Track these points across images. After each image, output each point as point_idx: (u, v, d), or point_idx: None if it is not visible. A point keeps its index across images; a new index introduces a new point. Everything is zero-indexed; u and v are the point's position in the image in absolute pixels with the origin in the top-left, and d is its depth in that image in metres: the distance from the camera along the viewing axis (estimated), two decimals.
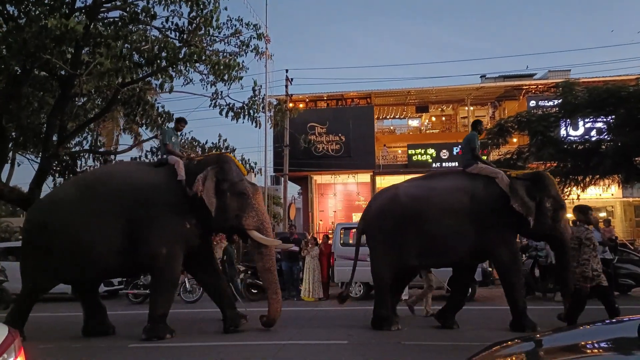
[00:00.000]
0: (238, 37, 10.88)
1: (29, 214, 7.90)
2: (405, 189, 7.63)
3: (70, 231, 6.95)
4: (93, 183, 7.42)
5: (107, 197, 7.09)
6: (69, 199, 7.21)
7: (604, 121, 12.49)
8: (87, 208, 7.04)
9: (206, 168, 7.15)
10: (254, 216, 7.31)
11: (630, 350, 1.94)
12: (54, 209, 7.23)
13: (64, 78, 10.50)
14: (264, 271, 7.45)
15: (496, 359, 2.14)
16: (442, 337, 6.73)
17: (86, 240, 6.94)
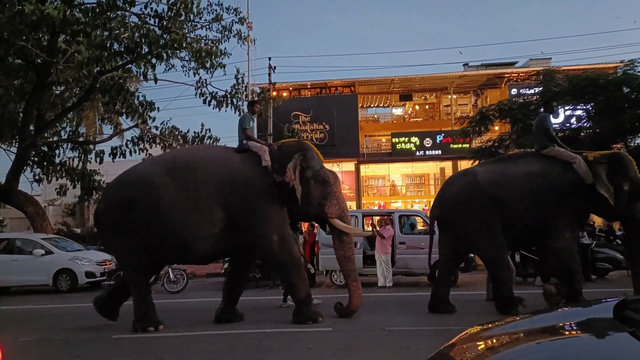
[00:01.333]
0: (219, 23, 10.74)
1: (110, 194, 7.46)
2: (484, 175, 7.43)
3: (163, 210, 6.76)
4: (186, 165, 7.15)
5: (205, 183, 6.89)
6: (160, 180, 6.92)
7: (583, 109, 12.68)
8: (181, 190, 6.84)
9: (293, 156, 7.04)
10: (335, 204, 7.25)
11: (605, 332, 1.98)
12: (141, 185, 6.96)
13: (40, 66, 10.24)
14: (345, 259, 7.34)
15: (477, 341, 2.17)
16: (425, 322, 6.83)
17: (180, 223, 6.76)
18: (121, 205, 6.95)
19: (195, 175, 6.96)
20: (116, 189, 7.34)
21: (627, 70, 12.04)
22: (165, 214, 6.76)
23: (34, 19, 7.79)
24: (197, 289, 11.71)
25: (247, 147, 7.36)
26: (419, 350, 5.24)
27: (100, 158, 13.44)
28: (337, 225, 7.27)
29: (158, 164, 7.40)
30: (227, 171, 7.03)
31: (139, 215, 6.82)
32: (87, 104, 13.88)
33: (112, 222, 7.08)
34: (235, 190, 6.92)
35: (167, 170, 7.03)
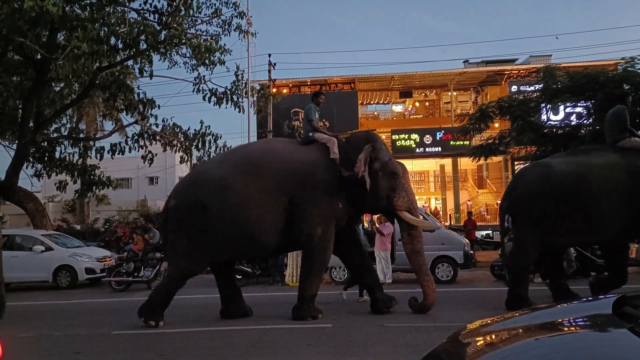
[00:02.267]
0: (219, 17, 10.72)
1: (181, 193, 7.39)
2: (558, 167, 7.19)
3: (234, 208, 6.76)
4: (254, 160, 7.16)
5: (272, 175, 6.91)
6: (229, 176, 6.94)
7: (583, 106, 12.66)
8: (251, 185, 6.85)
9: (363, 147, 6.96)
10: (404, 196, 7.13)
11: (605, 328, 1.98)
12: (212, 186, 6.93)
13: (40, 62, 10.22)
14: (414, 254, 7.20)
15: (476, 336, 2.17)
16: (424, 319, 6.83)
17: (250, 218, 6.77)
18: (193, 207, 6.91)
19: (265, 170, 6.96)
20: (189, 191, 7.23)
21: (627, 67, 12.01)
22: (236, 213, 6.74)
23: (33, 15, 7.77)
24: (197, 285, 11.71)
25: (313, 138, 7.29)
26: (418, 346, 5.24)
27: (100, 154, 13.44)
28: (406, 218, 7.12)
29: (229, 162, 7.36)
30: (295, 164, 7.02)
31: (210, 217, 6.79)
32: (86, 100, 13.86)
33: (180, 221, 7.03)
34: (300, 182, 6.90)
35: (238, 169, 7.02)
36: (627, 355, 1.63)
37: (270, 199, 6.84)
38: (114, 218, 20.38)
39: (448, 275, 10.51)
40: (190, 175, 7.63)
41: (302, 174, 6.94)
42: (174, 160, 25.43)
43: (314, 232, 6.87)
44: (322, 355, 5.25)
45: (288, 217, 6.91)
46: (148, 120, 12.76)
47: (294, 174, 6.94)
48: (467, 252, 10.66)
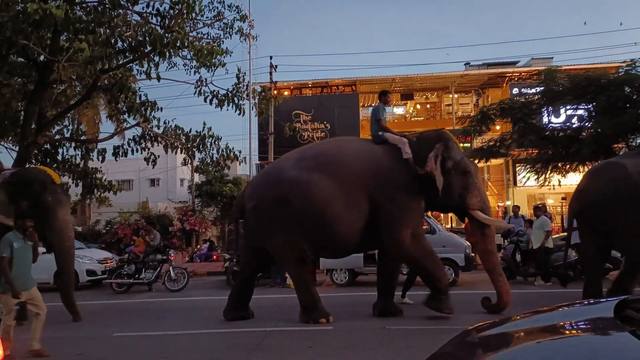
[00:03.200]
0: (221, 20, 10.74)
1: (262, 192, 7.30)
2: (633, 168, 6.93)
3: (316, 205, 6.75)
4: (333, 158, 7.14)
5: (351, 174, 6.88)
6: (309, 174, 6.92)
7: (584, 108, 12.67)
8: (331, 183, 6.82)
9: (433, 146, 6.88)
10: (477, 195, 7.08)
11: (607, 331, 1.99)
12: (294, 183, 6.93)
13: (43, 64, 10.25)
14: (487, 253, 7.12)
15: (477, 340, 2.18)
16: (425, 322, 6.83)
17: (332, 216, 6.75)
18: (277, 202, 6.93)
19: (344, 169, 6.94)
20: (268, 187, 7.22)
21: (628, 70, 12.04)
22: (320, 210, 6.74)
23: (36, 17, 7.80)
24: (198, 287, 11.74)
25: (384, 138, 7.27)
26: (420, 349, 5.24)
27: (102, 157, 13.44)
28: (478, 217, 7.05)
29: (304, 160, 7.32)
30: (372, 164, 6.98)
31: (294, 211, 6.81)
32: (88, 102, 13.88)
33: (267, 219, 7.04)
34: (379, 182, 6.86)
35: (317, 166, 7.01)
36: (629, 359, 1.64)
37: (350, 199, 6.81)
38: (115, 220, 20.41)
39: (449, 278, 10.49)
40: (266, 175, 7.66)
41: (381, 175, 6.90)
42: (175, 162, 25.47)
43: (402, 237, 6.79)
44: (323, 358, 5.25)
45: (368, 217, 6.86)
46: (150, 122, 12.78)
47: (374, 175, 6.89)
48: (468, 254, 10.65)
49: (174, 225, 20.05)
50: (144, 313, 8.23)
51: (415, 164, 6.86)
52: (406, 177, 6.89)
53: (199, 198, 23.60)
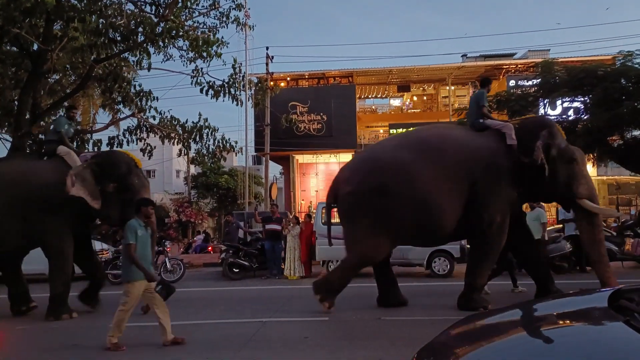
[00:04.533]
0: (217, 9, 10.63)
1: (359, 178, 7.05)
2: None
3: (418, 193, 6.59)
4: (434, 145, 6.99)
5: (453, 162, 6.74)
6: (410, 160, 6.76)
7: (581, 100, 12.68)
8: (433, 170, 6.67)
9: (537, 133, 6.71)
10: (584, 184, 6.88)
11: (600, 321, 1.99)
12: (394, 170, 6.76)
13: (36, 54, 10.13)
14: (594, 243, 6.91)
15: (471, 330, 2.18)
16: (420, 312, 6.86)
17: (433, 203, 6.60)
18: (374, 191, 6.73)
19: (446, 156, 6.80)
20: (368, 175, 6.97)
21: (625, 62, 12.03)
22: (424, 197, 6.60)
23: (27, 5, 7.70)
24: (194, 278, 11.74)
25: (485, 125, 7.14)
26: (415, 339, 5.23)
27: (97, 147, 13.37)
28: (587, 207, 6.83)
29: (405, 147, 7.13)
30: (476, 152, 6.86)
31: (393, 202, 6.65)
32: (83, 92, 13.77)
33: (359, 207, 6.85)
34: (481, 169, 6.74)
35: (418, 153, 6.85)
36: (623, 348, 1.64)
37: (452, 186, 6.68)
38: None
39: (445, 269, 10.56)
40: (365, 161, 7.40)
41: (484, 162, 6.76)
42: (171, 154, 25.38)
43: (494, 219, 6.70)
44: (319, 348, 5.27)
45: (467, 204, 6.74)
46: (145, 113, 12.70)
47: (476, 161, 6.75)
48: (463, 246, 10.69)
49: (170, 217, 20.03)
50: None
51: (521, 151, 6.69)
52: (509, 164, 6.73)
53: (195, 189, 23.55)
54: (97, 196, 7.02)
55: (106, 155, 7.85)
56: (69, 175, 6.86)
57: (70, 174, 6.89)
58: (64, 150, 7.52)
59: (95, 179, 7.09)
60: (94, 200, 6.97)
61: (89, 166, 7.18)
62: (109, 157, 7.66)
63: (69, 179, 6.81)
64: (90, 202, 6.93)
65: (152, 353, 5.38)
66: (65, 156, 7.45)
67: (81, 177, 6.96)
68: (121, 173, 7.24)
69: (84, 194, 6.86)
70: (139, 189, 7.33)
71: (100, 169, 7.21)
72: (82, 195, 6.85)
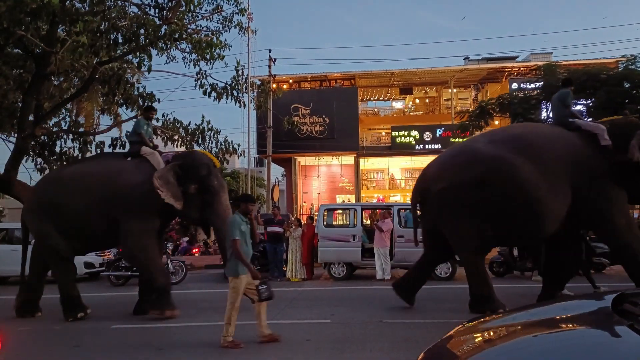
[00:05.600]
0: (220, 13, 10.67)
1: (454, 173, 6.85)
2: None
3: (518, 189, 6.40)
4: (531, 142, 6.76)
5: (553, 160, 6.55)
6: (509, 155, 6.54)
7: (584, 103, 12.66)
8: (533, 167, 6.47)
9: (631, 133, 6.54)
10: None
11: (604, 325, 1.99)
12: (492, 165, 6.56)
13: (40, 56, 10.18)
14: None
15: (475, 333, 2.18)
16: (422, 315, 6.85)
17: (535, 200, 6.39)
18: (473, 184, 6.57)
19: (545, 154, 6.62)
20: (463, 168, 6.76)
21: (628, 66, 12.02)
22: (525, 194, 6.41)
23: (33, 7, 7.74)
24: (196, 280, 11.74)
25: (576, 125, 7.01)
26: (417, 342, 5.26)
27: (100, 149, 13.40)
28: None
29: (500, 142, 6.89)
30: (571, 150, 6.69)
31: (492, 194, 6.48)
32: (86, 94, 13.82)
33: (458, 202, 6.67)
34: (580, 170, 6.57)
35: (516, 149, 6.64)
36: (627, 352, 1.64)
37: (553, 185, 6.48)
38: None
39: (447, 272, 10.55)
40: (457, 156, 7.15)
41: (582, 162, 6.59)
42: None
43: (619, 225, 6.53)
44: (321, 351, 5.26)
45: (569, 206, 6.56)
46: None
47: (575, 162, 6.57)
48: None
49: None
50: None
51: (617, 151, 6.54)
52: (605, 165, 6.60)
53: None
54: (180, 197, 7.16)
55: (188, 156, 7.88)
56: (154, 177, 7.00)
57: (155, 176, 7.04)
58: (148, 151, 7.64)
59: (177, 180, 7.23)
60: (177, 202, 7.11)
61: (172, 168, 7.29)
62: (191, 158, 7.71)
63: (154, 181, 6.96)
64: (174, 204, 7.07)
65: (153, 354, 5.38)
66: (149, 157, 7.58)
67: (165, 179, 7.11)
68: (202, 174, 7.38)
69: (167, 196, 7.01)
70: (219, 190, 7.51)
71: (183, 170, 7.33)
72: (167, 197, 7.00)
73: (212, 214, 7.41)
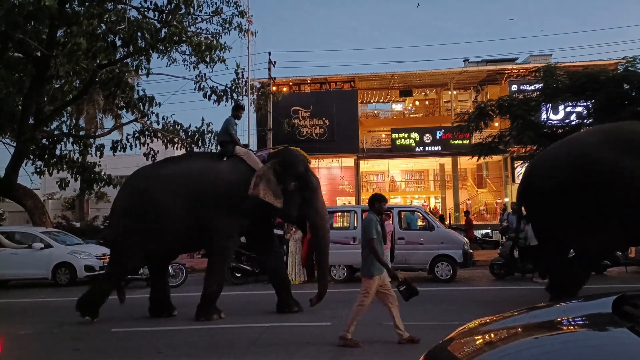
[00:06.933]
0: (219, 16, 10.70)
1: (560, 173, 6.49)
2: None
3: (631, 193, 6.00)
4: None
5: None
6: (620, 155, 6.18)
7: (583, 105, 12.66)
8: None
9: None
10: None
11: (604, 327, 1.98)
12: (606, 163, 6.18)
13: (39, 59, 10.20)
14: None
15: (475, 335, 2.17)
16: (422, 317, 6.83)
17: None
18: (587, 183, 6.22)
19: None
20: (575, 168, 6.39)
21: (628, 67, 12.02)
22: (634, 193, 6.06)
23: (30, 9, 7.77)
24: (196, 283, 11.70)
25: None
26: (417, 345, 5.25)
27: (100, 152, 13.43)
28: None
29: (615, 141, 6.47)
30: None
31: (609, 193, 6.13)
32: (86, 97, 13.85)
33: (568, 203, 6.34)
34: None
35: (628, 148, 6.27)
36: (627, 354, 1.63)
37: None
38: None
39: (447, 274, 10.53)
40: (570, 154, 6.70)
41: None
42: None
43: None
44: (322, 353, 5.25)
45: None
46: (149, 118, 12.76)
47: None
48: (466, 251, 10.67)
49: None
50: (141, 309, 8.21)
51: None
52: None
53: None
54: (280, 195, 7.09)
55: (285, 153, 7.75)
56: (254, 176, 6.97)
57: (256, 175, 7.00)
58: (243, 150, 7.60)
59: (277, 178, 7.15)
60: (277, 200, 7.04)
61: (272, 166, 7.20)
62: (289, 155, 7.62)
63: (254, 180, 6.92)
64: (274, 202, 7.00)
65: (153, 357, 5.37)
66: (244, 156, 7.50)
67: (266, 178, 7.03)
68: (301, 171, 7.34)
69: (268, 195, 6.94)
70: (317, 186, 7.49)
71: (282, 168, 7.25)
72: (266, 196, 6.93)
73: (311, 211, 7.31)
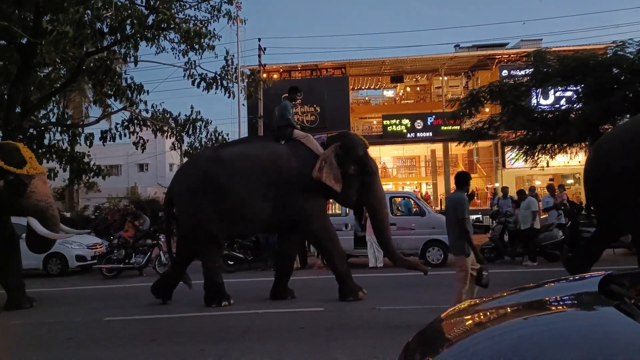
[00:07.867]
0: (208, 2, 10.55)
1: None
2: None
3: None
4: None
5: None
6: None
7: (573, 90, 12.71)
8: None
9: None
10: None
11: (591, 306, 2.02)
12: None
13: (25, 47, 10.02)
14: None
15: (465, 316, 2.20)
16: (414, 301, 6.92)
17: None
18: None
19: None
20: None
21: (617, 51, 12.05)
22: None
23: None
24: (189, 271, 11.71)
25: None
26: (409, 327, 5.26)
27: (90, 141, 13.29)
28: None
29: None
30: None
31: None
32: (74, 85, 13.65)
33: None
34: None
35: None
36: (614, 332, 1.67)
37: None
38: (104, 205, 20.24)
39: (438, 259, 10.63)
40: (624, 141, 6.43)
41: None
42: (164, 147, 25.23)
43: None
44: (315, 338, 5.30)
45: None
46: (137, 106, 12.61)
47: None
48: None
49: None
50: (134, 297, 8.23)
51: None
52: None
53: None
54: (340, 179, 7.10)
55: (345, 137, 7.75)
56: (319, 160, 7.00)
57: (321, 158, 7.03)
58: (301, 134, 7.57)
59: (338, 161, 7.15)
60: (337, 184, 7.05)
61: (335, 149, 7.19)
62: (349, 139, 7.60)
63: (319, 163, 6.96)
64: (334, 186, 7.02)
65: (147, 345, 5.39)
66: (303, 139, 7.48)
67: (329, 162, 7.04)
68: (360, 155, 7.33)
69: (329, 179, 6.96)
70: (376, 170, 7.51)
71: (343, 151, 7.24)
72: (328, 179, 6.95)
73: (370, 195, 7.33)
